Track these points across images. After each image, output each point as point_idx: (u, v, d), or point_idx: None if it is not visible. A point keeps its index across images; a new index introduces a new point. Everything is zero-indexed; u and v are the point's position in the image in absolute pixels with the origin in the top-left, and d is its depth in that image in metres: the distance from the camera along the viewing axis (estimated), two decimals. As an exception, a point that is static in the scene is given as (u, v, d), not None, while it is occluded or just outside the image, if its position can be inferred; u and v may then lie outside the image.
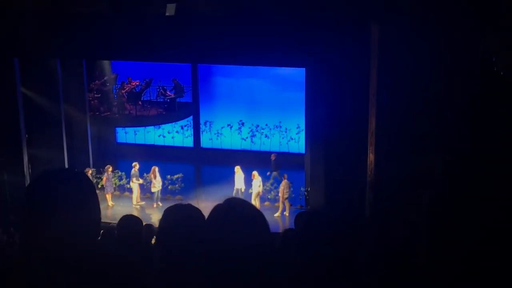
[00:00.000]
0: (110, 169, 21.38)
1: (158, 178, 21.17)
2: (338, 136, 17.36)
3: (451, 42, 14.36)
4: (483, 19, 13.92)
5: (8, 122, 19.01)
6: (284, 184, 20.14)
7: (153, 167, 21.17)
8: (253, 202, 19.91)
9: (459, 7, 13.93)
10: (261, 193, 20.44)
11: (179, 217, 3.79)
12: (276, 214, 20.14)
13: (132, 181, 21.23)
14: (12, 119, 19.07)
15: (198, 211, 3.85)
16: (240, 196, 20.39)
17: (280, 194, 20.28)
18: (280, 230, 18.58)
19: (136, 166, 21.26)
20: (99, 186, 21.67)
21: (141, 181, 21.30)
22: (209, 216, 3.03)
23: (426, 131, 14.57)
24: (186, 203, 4.04)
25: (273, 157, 22.30)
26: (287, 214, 20.18)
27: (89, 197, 2.92)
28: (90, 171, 20.95)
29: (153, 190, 21.19)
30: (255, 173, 20.39)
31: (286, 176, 20.27)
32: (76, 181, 2.93)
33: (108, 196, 21.23)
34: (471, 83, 14.19)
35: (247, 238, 2.86)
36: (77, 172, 3.12)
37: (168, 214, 3.85)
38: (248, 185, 20.58)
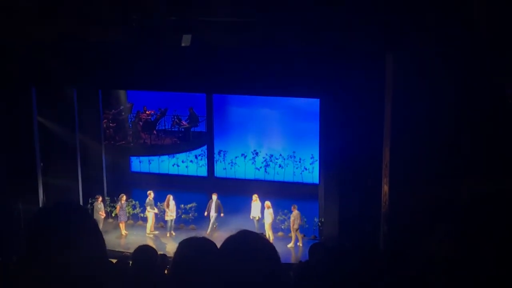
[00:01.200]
0: (124, 198, 21.39)
1: (172, 207, 21.14)
2: (352, 167, 17.33)
3: (465, 74, 14.37)
4: (497, 52, 13.93)
5: (23, 150, 19.16)
6: (294, 214, 20.02)
7: (167, 196, 21.17)
8: (267, 232, 19.85)
9: (473, 40, 13.96)
10: (272, 221, 20.35)
11: (194, 250, 3.77)
12: (290, 245, 20.01)
13: (147, 210, 21.23)
14: (27, 148, 19.22)
15: (212, 245, 3.83)
16: (255, 224, 20.35)
17: (291, 225, 20.16)
18: (292, 260, 18.53)
19: (151, 194, 21.27)
20: (113, 215, 21.71)
21: (156, 210, 21.28)
22: (220, 248, 3.03)
23: (441, 163, 14.52)
24: (201, 236, 4.02)
25: (214, 196, 21.30)
26: (300, 245, 20.05)
27: (88, 231, 2.91)
28: (100, 198, 20.93)
29: (166, 219, 21.17)
30: (268, 203, 20.34)
31: (296, 206, 20.15)
32: (73, 217, 2.92)
33: (122, 225, 21.23)
34: (485, 115, 14.16)
35: (259, 271, 2.86)
36: (73, 206, 3.08)
37: (182, 247, 3.83)
38: (263, 215, 20.53)
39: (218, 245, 3.12)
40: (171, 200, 21.12)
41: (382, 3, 14.61)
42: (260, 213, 20.53)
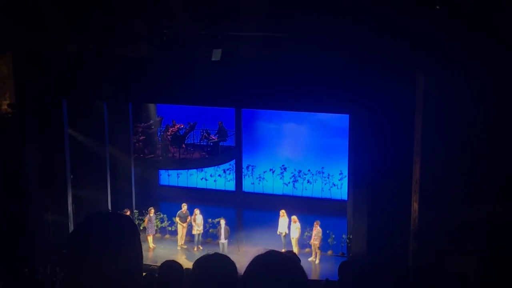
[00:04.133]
0: (152, 211, 21.48)
1: (199, 221, 21.14)
2: (382, 184, 17.16)
3: (496, 90, 14.17)
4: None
5: (54, 162, 19.31)
6: (315, 231, 19.87)
7: (194, 210, 21.19)
8: (294, 247, 19.74)
9: (504, 55, 13.78)
10: (299, 236, 20.23)
11: (210, 269, 3.70)
12: (311, 259, 19.87)
13: (178, 222, 21.25)
14: (58, 160, 19.37)
15: (228, 262, 3.76)
16: (282, 240, 20.26)
17: (311, 240, 20.01)
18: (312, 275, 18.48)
19: (184, 206, 21.30)
20: (141, 227, 21.77)
21: (184, 224, 21.25)
22: (247, 268, 2.96)
23: (472, 181, 14.30)
24: (213, 252, 3.93)
25: (223, 221, 20.73)
26: (317, 262, 19.85)
27: (132, 241, 2.89)
28: (128, 212, 21.00)
29: (194, 233, 21.17)
30: (294, 217, 20.24)
31: (319, 222, 19.99)
32: (121, 225, 2.89)
33: (150, 238, 21.28)
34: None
35: None
36: (121, 215, 3.08)
37: (198, 266, 3.77)
38: (290, 230, 20.41)
39: (245, 260, 3.06)
40: (198, 214, 21.14)
41: (412, 20, 14.49)
42: (287, 228, 20.44)
